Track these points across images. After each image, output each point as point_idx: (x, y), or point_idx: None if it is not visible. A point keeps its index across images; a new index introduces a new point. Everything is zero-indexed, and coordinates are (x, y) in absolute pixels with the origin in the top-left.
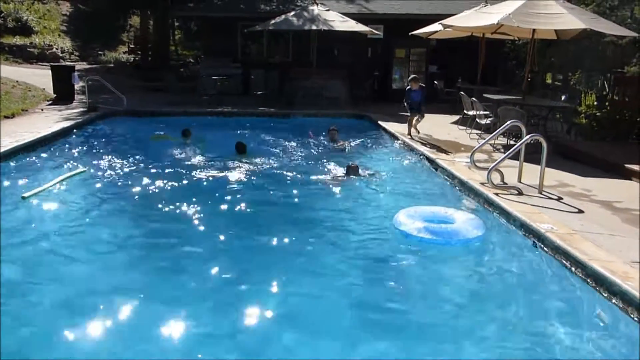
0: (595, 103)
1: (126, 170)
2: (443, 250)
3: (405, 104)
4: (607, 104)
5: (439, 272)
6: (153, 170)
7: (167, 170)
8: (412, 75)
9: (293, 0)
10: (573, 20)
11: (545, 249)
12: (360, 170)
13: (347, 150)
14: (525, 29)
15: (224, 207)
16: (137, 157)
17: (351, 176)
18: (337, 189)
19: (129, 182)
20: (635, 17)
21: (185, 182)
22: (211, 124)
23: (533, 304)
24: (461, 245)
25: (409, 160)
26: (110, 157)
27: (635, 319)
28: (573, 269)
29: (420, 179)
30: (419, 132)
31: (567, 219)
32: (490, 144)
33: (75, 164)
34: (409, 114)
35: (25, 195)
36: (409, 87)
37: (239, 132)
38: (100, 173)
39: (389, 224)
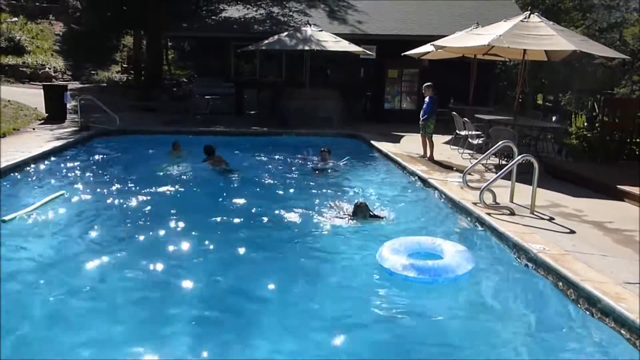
0: (585, 124)
1: (115, 190)
2: (430, 289)
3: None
4: (597, 125)
5: (428, 316)
6: (141, 191)
7: (154, 192)
8: (427, 83)
9: (286, 21)
10: (563, 42)
11: (537, 269)
12: (369, 210)
13: (336, 170)
14: (516, 50)
15: (210, 244)
16: (128, 176)
17: (358, 218)
18: (341, 233)
19: (117, 202)
20: (623, 39)
21: (169, 208)
22: (203, 144)
23: (529, 333)
24: (449, 283)
25: (407, 184)
26: (100, 176)
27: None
28: (565, 289)
29: (428, 208)
30: (426, 154)
31: (559, 240)
32: (482, 164)
33: (65, 183)
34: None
35: (6, 218)
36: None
37: (235, 152)
38: (90, 193)
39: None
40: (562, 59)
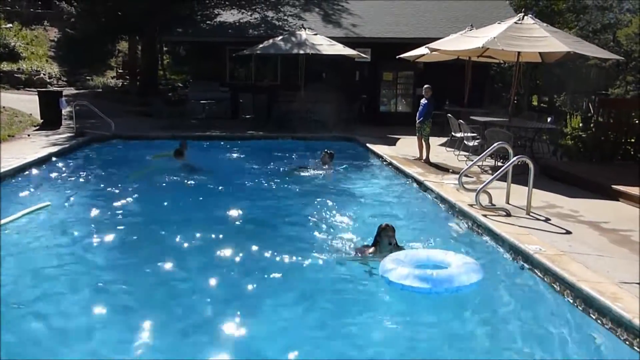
0: (580, 125)
1: (110, 197)
2: (428, 299)
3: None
4: (592, 125)
5: (420, 326)
6: (136, 199)
7: (149, 201)
8: (426, 85)
9: (281, 25)
10: (557, 43)
11: (533, 270)
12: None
13: (331, 172)
14: (510, 51)
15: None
16: (123, 183)
17: (382, 246)
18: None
19: (112, 211)
20: (617, 40)
21: (160, 217)
22: (199, 148)
23: (525, 333)
24: (450, 294)
25: (403, 186)
26: (95, 183)
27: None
28: (561, 290)
29: (424, 210)
30: (422, 156)
31: (555, 240)
32: (478, 166)
33: (59, 190)
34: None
35: None
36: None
37: (232, 155)
38: (82, 200)
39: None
40: (556, 60)
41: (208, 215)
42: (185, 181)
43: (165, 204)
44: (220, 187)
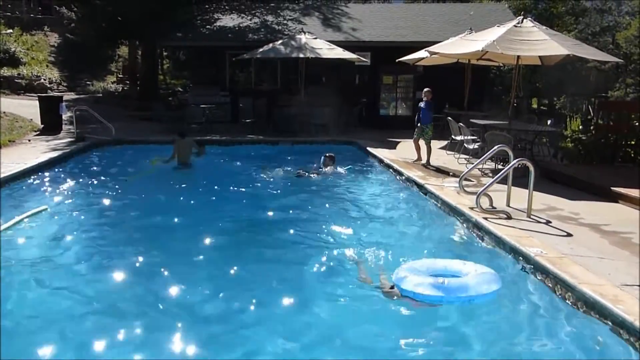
0: (580, 127)
1: (110, 201)
2: (438, 309)
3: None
4: (592, 128)
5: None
6: (136, 203)
7: (148, 204)
8: (427, 88)
9: (280, 29)
10: (556, 47)
11: (534, 272)
12: None
13: (332, 176)
14: (510, 55)
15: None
16: (122, 187)
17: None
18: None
19: (111, 214)
20: (616, 42)
21: (163, 230)
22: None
23: (524, 334)
24: (461, 304)
25: (403, 189)
26: (95, 187)
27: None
28: (563, 292)
29: (424, 214)
30: (421, 159)
31: (556, 243)
32: (479, 169)
33: (58, 195)
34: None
35: None
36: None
37: (232, 159)
38: (81, 205)
39: None
40: (555, 63)
41: (207, 219)
42: (185, 185)
43: (164, 207)
44: (219, 191)
